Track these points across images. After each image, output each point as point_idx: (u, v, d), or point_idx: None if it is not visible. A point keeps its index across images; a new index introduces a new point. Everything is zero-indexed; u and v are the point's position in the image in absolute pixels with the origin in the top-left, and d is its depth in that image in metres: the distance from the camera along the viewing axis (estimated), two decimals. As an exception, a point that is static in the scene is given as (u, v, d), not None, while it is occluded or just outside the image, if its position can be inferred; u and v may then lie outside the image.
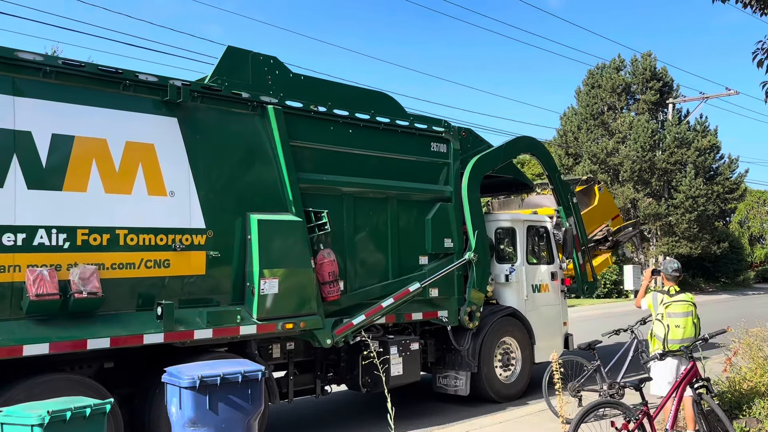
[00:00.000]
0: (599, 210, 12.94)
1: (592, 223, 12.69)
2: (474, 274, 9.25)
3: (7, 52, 5.73)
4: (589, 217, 12.45)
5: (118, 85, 6.37)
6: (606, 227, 13.12)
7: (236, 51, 7.42)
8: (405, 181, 8.80)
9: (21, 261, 5.59)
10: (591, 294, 12.19)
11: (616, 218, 13.69)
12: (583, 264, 11.40)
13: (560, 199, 11.11)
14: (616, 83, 35.65)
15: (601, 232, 13.04)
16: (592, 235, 12.76)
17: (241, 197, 7.10)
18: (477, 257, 9.23)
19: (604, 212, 13.19)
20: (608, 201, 13.63)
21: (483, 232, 9.44)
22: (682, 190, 33.69)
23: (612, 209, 13.73)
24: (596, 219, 12.91)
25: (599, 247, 13.27)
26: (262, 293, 6.90)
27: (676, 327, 6.62)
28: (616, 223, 13.51)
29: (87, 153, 6.06)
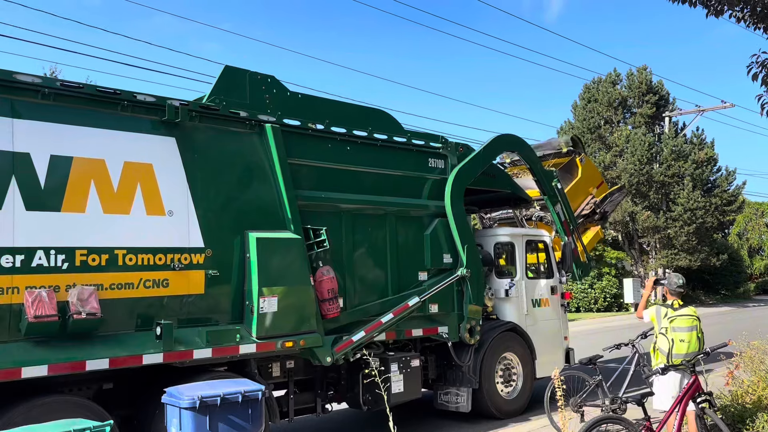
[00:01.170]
0: (583, 181, 12.77)
1: (578, 195, 12.60)
2: (469, 290, 9.21)
3: (5, 74, 5.76)
4: (574, 190, 12.37)
5: (116, 105, 6.40)
6: (592, 198, 12.92)
7: (234, 70, 7.47)
8: (403, 197, 8.82)
9: (19, 282, 5.58)
10: (586, 275, 12.15)
11: (601, 186, 13.42)
12: (575, 248, 11.36)
13: (544, 189, 10.99)
14: (612, 97, 35.84)
15: (588, 205, 12.89)
16: (580, 210, 12.71)
17: (239, 216, 7.10)
18: (470, 272, 9.17)
19: (588, 182, 12.97)
20: (591, 170, 13.35)
21: (473, 246, 9.36)
22: (681, 202, 33.74)
23: (595, 177, 13.50)
24: (582, 190, 12.78)
25: (588, 222, 13.14)
26: (261, 311, 6.88)
27: (680, 341, 6.61)
28: (601, 191, 13.28)
29: (85, 174, 6.08)
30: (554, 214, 11.14)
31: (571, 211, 11.48)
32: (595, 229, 13.52)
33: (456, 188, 9.25)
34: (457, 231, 9.14)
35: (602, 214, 13.21)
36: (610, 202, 13.39)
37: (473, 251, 9.31)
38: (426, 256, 8.94)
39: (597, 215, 13.07)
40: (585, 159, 12.93)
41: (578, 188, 12.63)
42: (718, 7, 7.03)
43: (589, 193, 12.98)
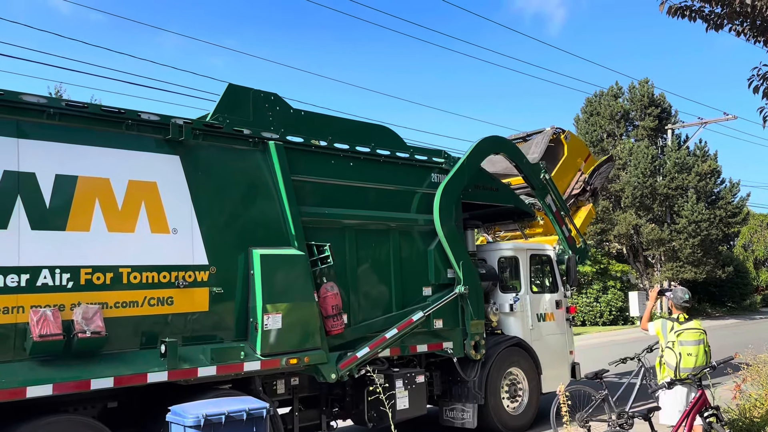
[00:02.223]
0: (570, 158, 12.53)
1: (566, 173, 12.44)
2: (469, 306, 9.12)
3: (11, 95, 5.81)
4: (562, 169, 12.23)
5: (121, 124, 6.45)
6: (581, 175, 12.64)
7: (237, 88, 7.52)
8: (406, 213, 8.83)
9: (25, 302, 5.59)
10: (584, 260, 11.92)
11: (588, 158, 13.13)
12: (569, 236, 11.27)
13: (533, 184, 10.79)
14: (614, 110, 35.93)
15: (577, 183, 12.64)
16: (570, 190, 12.53)
17: (243, 232, 7.12)
18: (468, 289, 9.05)
19: (575, 157, 12.73)
20: (577, 146, 12.93)
21: (468, 262, 9.24)
22: (685, 215, 33.68)
23: (582, 150, 13.23)
24: (570, 167, 12.58)
25: (579, 200, 12.91)
26: (265, 329, 6.88)
27: (688, 355, 6.59)
28: (589, 165, 13.00)
29: (90, 192, 6.11)
30: (545, 206, 10.96)
31: (561, 199, 11.32)
32: (587, 207, 13.17)
33: (444, 204, 9.00)
34: (450, 249, 8.96)
35: (592, 190, 12.89)
36: (599, 175, 13.02)
37: (469, 267, 9.20)
38: (430, 271, 8.93)
39: (588, 192, 12.83)
40: (570, 135, 12.54)
41: (566, 166, 12.42)
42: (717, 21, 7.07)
43: (577, 169, 12.72)
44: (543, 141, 12.07)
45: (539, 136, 12.28)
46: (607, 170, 13.51)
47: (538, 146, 11.96)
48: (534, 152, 11.77)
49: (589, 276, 33.47)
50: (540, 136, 12.27)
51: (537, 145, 12.05)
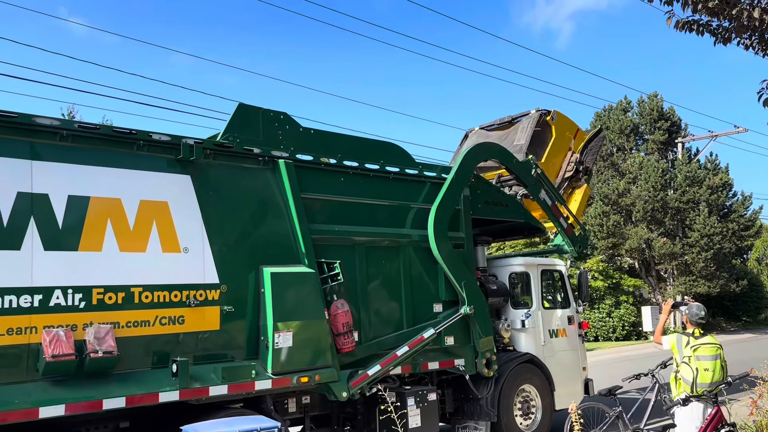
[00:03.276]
0: (559, 139, 12.03)
1: (557, 154, 12.02)
2: (476, 325, 9.01)
3: (25, 118, 5.90)
4: (553, 152, 11.85)
5: (132, 145, 6.51)
6: (572, 155, 12.17)
7: (247, 108, 7.59)
8: (416, 229, 8.82)
9: (37, 322, 5.63)
10: (585, 248, 11.60)
11: (578, 134, 12.49)
12: (568, 227, 11.08)
13: (525, 183, 10.52)
14: (623, 124, 35.85)
15: (569, 165, 12.15)
16: (562, 173, 12.10)
17: (253, 251, 7.15)
18: (473, 308, 8.91)
19: (563, 135, 12.19)
20: (564, 124, 12.26)
21: (471, 281, 9.03)
22: (697, 228, 33.44)
23: (570, 127, 12.49)
24: (560, 148, 12.11)
25: (573, 182, 12.42)
26: (276, 347, 6.87)
27: (705, 370, 6.53)
28: (579, 141, 12.42)
29: (102, 213, 6.16)
30: (540, 202, 10.69)
31: (555, 190, 11.03)
32: (582, 188, 12.62)
33: (438, 224, 8.74)
34: (450, 270, 8.77)
35: (585, 170, 12.41)
36: (590, 152, 12.46)
37: (472, 286, 9.04)
38: (440, 288, 8.91)
39: (581, 173, 12.37)
40: (556, 115, 11.94)
41: (556, 147, 11.95)
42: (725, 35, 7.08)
43: (567, 147, 12.24)
44: (529, 126, 11.54)
45: (525, 120, 11.75)
46: (597, 144, 12.82)
47: (524, 132, 11.48)
48: (520, 139, 11.34)
49: (601, 291, 33.23)
50: (525, 120, 11.73)
51: (523, 130, 11.55)
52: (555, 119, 11.87)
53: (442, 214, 8.84)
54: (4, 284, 5.54)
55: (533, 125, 11.52)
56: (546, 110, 11.76)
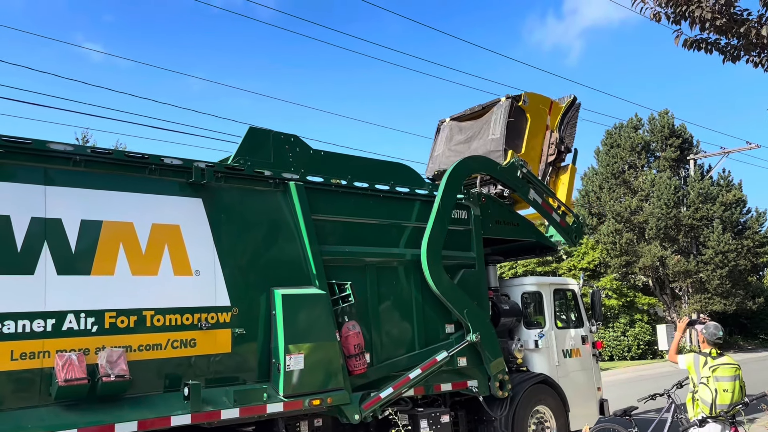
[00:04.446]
0: (535, 120, 11.37)
1: (536, 136, 11.37)
2: (484, 350, 8.87)
3: (39, 144, 5.98)
4: (532, 137, 11.22)
5: (144, 169, 6.58)
6: (551, 135, 11.51)
7: (258, 131, 7.65)
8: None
9: (50, 346, 5.66)
10: (580, 236, 11.23)
11: (552, 108, 11.72)
12: (561, 219, 10.75)
13: (512, 187, 10.12)
14: (635, 142, 35.75)
15: (550, 147, 11.51)
16: (544, 158, 11.51)
17: (265, 273, 7.16)
18: (479, 335, 8.76)
19: (540, 115, 11.50)
20: (537, 103, 11.51)
21: (473, 307, 8.85)
22: (711, 245, 33.14)
23: (543, 102, 11.74)
24: (538, 130, 11.45)
25: (557, 165, 11.79)
26: (287, 369, 6.86)
27: (724, 391, 6.45)
28: (555, 114, 11.69)
29: (114, 237, 6.21)
30: (530, 202, 10.34)
31: (543, 185, 10.66)
32: (567, 172, 11.89)
33: (432, 258, 8.47)
34: (450, 301, 8.59)
35: (567, 149, 11.75)
36: (567, 126, 11.73)
37: (475, 312, 8.86)
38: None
39: (562, 152, 11.71)
40: (528, 98, 11.23)
41: (533, 131, 11.31)
42: (734, 53, 7.09)
43: (545, 127, 11.54)
44: (502, 117, 10.90)
45: (496, 110, 11.09)
46: (573, 116, 11.95)
47: (498, 124, 10.88)
48: (495, 131, 10.82)
49: (615, 309, 32.94)
50: (497, 109, 11.07)
51: (496, 123, 10.94)
52: (527, 102, 11.20)
53: (434, 247, 8.54)
54: (18, 309, 5.59)
55: (506, 115, 10.90)
56: (516, 97, 11.08)
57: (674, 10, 7.05)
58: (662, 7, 7.18)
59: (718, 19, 6.76)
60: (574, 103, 11.95)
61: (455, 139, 11.38)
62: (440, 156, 11.39)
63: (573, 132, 11.90)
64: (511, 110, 10.92)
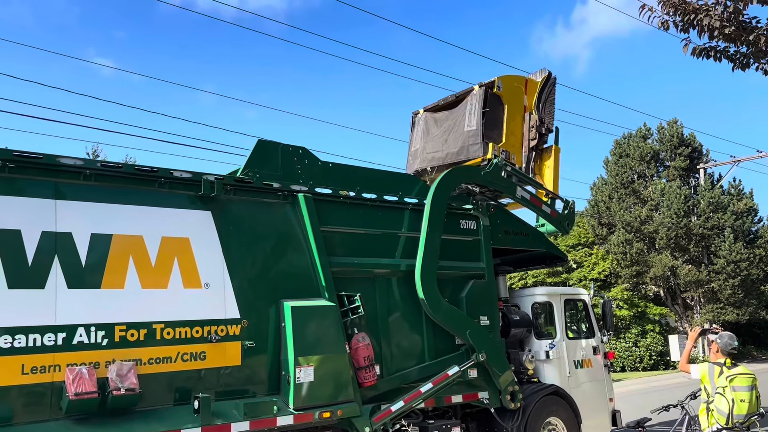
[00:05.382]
0: (512, 104, 10.72)
1: (515, 119, 10.75)
2: (492, 367, 8.75)
3: (50, 159, 6.02)
4: (511, 122, 10.60)
5: (154, 183, 6.61)
6: (530, 116, 10.90)
7: (266, 144, 7.68)
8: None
9: (61, 360, 5.67)
10: (572, 222, 10.75)
11: (528, 87, 11.08)
12: (552, 210, 10.36)
13: (500, 190, 9.70)
14: (644, 151, 35.63)
15: (531, 131, 10.88)
16: (526, 144, 10.88)
17: (274, 285, 7.16)
18: (486, 354, 8.62)
19: (516, 97, 10.87)
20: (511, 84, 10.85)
21: (476, 327, 8.69)
22: (722, 255, 32.89)
23: (518, 80, 11.12)
24: (516, 113, 10.83)
25: (540, 147, 11.15)
26: (297, 382, 6.83)
27: (741, 401, 6.39)
28: (531, 95, 11.04)
29: (124, 250, 6.23)
30: (519, 200, 9.93)
31: (529, 179, 10.25)
32: (551, 155, 11.26)
33: (427, 284, 8.24)
34: (451, 327, 8.47)
35: (548, 129, 11.15)
36: (545, 105, 11.12)
37: (478, 332, 8.71)
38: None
39: (543, 133, 11.09)
40: (501, 83, 10.57)
41: (511, 116, 10.70)
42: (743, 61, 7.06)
43: (522, 109, 10.96)
44: (477, 107, 10.31)
45: (471, 99, 10.48)
46: (550, 93, 11.32)
47: (473, 114, 10.29)
48: (471, 123, 10.26)
49: (626, 320, 32.71)
50: (471, 99, 10.46)
51: (471, 113, 10.35)
52: (501, 87, 10.57)
53: (428, 275, 8.28)
54: (29, 323, 5.61)
55: (481, 105, 10.32)
56: (489, 82, 10.46)
57: (682, 18, 7.04)
58: (670, 16, 7.17)
59: (727, 27, 6.74)
60: (549, 78, 11.34)
61: (432, 133, 10.86)
62: (419, 152, 10.96)
63: (552, 110, 11.33)
64: (486, 99, 10.35)
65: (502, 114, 10.60)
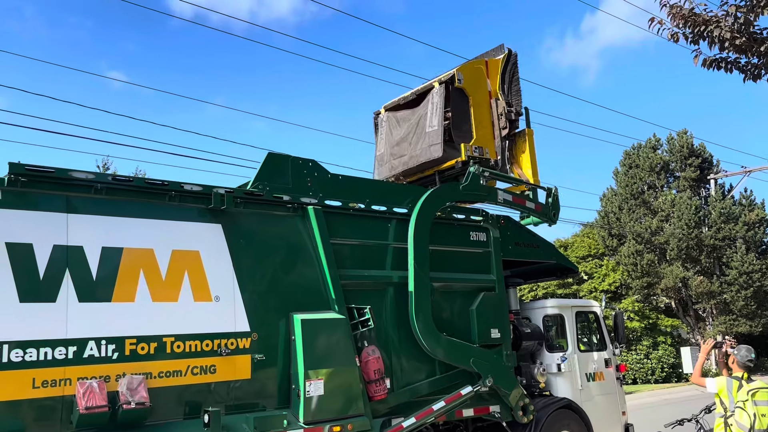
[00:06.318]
0: (476, 93, 10.08)
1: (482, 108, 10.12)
2: (501, 389, 8.64)
3: (62, 172, 6.06)
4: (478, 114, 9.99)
5: (164, 196, 6.63)
6: (496, 102, 10.29)
7: (276, 156, 7.69)
8: (446, 272, 8.71)
9: (71, 374, 5.67)
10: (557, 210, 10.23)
11: (489, 68, 10.42)
12: (537, 204, 9.99)
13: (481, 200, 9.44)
14: (653, 162, 35.49)
15: (500, 119, 10.25)
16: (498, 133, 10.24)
17: (284, 298, 7.15)
18: (492, 378, 8.45)
19: (480, 82, 10.22)
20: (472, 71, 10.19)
21: (480, 354, 8.49)
22: (734, 266, 32.62)
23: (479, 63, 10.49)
24: (482, 102, 10.21)
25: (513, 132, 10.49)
26: (307, 395, 6.80)
27: (762, 416, 6.31)
28: (494, 77, 10.38)
29: (135, 263, 6.25)
30: (503, 204, 9.58)
31: (508, 177, 9.95)
32: (526, 141, 10.58)
33: (423, 321, 7.98)
34: (452, 360, 8.25)
35: (517, 113, 10.47)
36: (511, 87, 10.51)
37: (483, 356, 8.51)
38: (473, 331, 8.74)
39: (512, 117, 10.43)
40: (461, 74, 9.86)
41: (478, 106, 10.07)
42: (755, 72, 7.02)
43: (488, 94, 10.32)
44: (439, 105, 9.71)
45: (432, 98, 9.87)
46: (513, 71, 10.64)
47: (436, 114, 9.69)
48: (433, 122, 9.69)
49: (637, 332, 32.44)
50: (433, 98, 9.87)
51: (434, 113, 9.73)
52: (462, 80, 9.85)
53: (423, 311, 8.03)
54: (40, 336, 5.62)
55: (443, 104, 9.71)
56: (449, 77, 9.82)
57: (692, 30, 7.02)
58: (680, 28, 7.15)
59: (738, 38, 6.72)
60: (510, 56, 10.64)
61: (395, 135, 10.37)
62: (384, 157, 10.49)
63: (518, 90, 10.64)
64: (448, 96, 9.75)
65: (468, 108, 9.99)
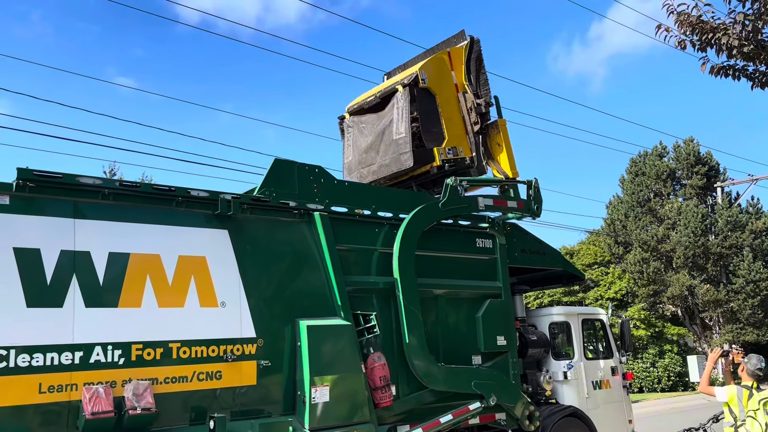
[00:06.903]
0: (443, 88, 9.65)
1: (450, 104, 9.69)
2: (505, 404, 8.57)
3: (70, 178, 6.08)
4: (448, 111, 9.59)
5: (171, 202, 6.64)
6: (464, 96, 9.83)
7: (283, 163, 7.71)
8: (452, 279, 8.72)
9: (78, 379, 5.67)
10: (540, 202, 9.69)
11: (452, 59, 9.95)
12: (518, 201, 9.58)
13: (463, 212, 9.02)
14: (660, 170, 35.40)
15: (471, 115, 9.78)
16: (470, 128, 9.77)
17: (289, 304, 7.14)
18: (495, 397, 8.40)
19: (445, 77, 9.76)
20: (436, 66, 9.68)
21: (478, 375, 8.41)
22: (741, 274, 32.45)
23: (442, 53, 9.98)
24: (450, 97, 9.76)
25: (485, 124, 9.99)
26: (313, 402, 6.78)
27: None
28: (459, 69, 9.91)
29: (141, 269, 6.26)
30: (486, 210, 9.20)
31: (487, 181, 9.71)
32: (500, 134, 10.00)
33: (420, 352, 7.85)
34: (453, 388, 8.12)
35: (487, 104, 9.93)
36: (478, 75, 9.98)
37: (483, 376, 8.45)
38: (479, 338, 8.72)
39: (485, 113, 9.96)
40: (425, 72, 9.35)
41: (445, 103, 9.62)
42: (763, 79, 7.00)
43: (455, 88, 9.86)
44: (405, 110, 9.24)
45: (396, 102, 9.42)
46: (478, 59, 10.04)
47: (402, 120, 9.25)
48: (400, 128, 9.26)
49: (643, 340, 32.28)
50: (397, 102, 9.41)
51: (400, 119, 9.29)
52: (426, 80, 9.36)
53: (419, 343, 7.85)
54: (47, 341, 5.63)
55: (408, 108, 9.24)
56: (412, 78, 9.36)
57: (700, 37, 7.01)
58: (687, 35, 7.14)
59: (746, 45, 6.70)
60: (473, 44, 10.07)
61: (361, 142, 10.01)
62: (352, 165, 10.14)
63: (485, 79, 10.07)
64: (413, 100, 9.35)
65: (435, 107, 9.54)
